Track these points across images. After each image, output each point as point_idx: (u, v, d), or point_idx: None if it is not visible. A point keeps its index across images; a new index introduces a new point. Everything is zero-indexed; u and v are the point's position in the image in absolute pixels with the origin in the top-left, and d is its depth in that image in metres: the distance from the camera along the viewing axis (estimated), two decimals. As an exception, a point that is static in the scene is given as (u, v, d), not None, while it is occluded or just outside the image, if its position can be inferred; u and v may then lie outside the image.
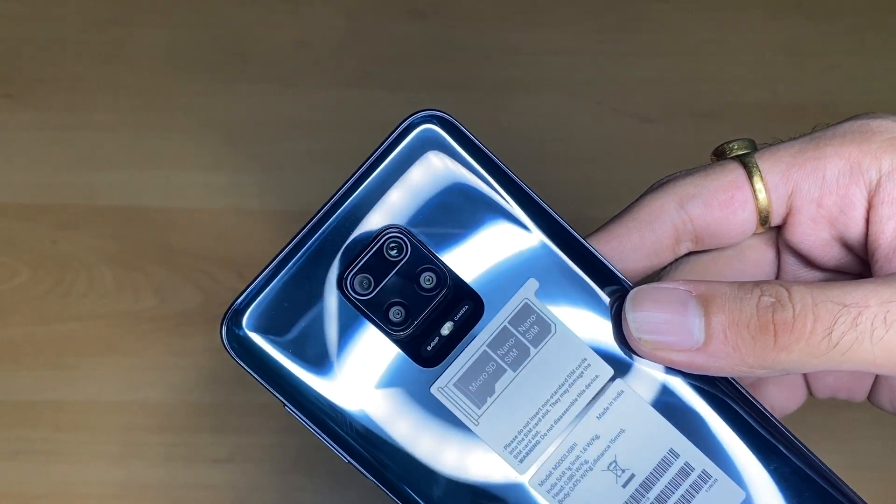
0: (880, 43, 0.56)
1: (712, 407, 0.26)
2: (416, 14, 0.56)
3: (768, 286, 0.25)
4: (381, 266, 0.26)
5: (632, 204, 0.28)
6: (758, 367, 0.25)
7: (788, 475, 0.26)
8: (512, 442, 0.26)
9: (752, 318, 0.24)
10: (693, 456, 0.26)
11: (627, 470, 0.26)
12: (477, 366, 0.26)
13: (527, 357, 0.26)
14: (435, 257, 0.26)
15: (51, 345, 0.50)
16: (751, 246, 0.29)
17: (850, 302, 0.24)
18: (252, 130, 0.54)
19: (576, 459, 0.26)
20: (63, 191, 0.52)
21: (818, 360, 0.24)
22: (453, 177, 0.26)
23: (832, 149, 0.27)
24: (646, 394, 0.26)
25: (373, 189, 0.26)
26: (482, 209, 0.26)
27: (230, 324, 0.26)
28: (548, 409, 0.26)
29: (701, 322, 0.25)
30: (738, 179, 0.27)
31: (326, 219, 0.26)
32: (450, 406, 0.26)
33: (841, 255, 0.28)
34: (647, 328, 0.25)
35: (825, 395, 0.32)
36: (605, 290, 0.26)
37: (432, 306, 0.26)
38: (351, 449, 0.26)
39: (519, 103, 0.54)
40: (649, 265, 0.29)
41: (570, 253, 0.26)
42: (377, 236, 0.26)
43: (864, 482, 0.49)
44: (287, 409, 0.26)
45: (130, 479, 0.48)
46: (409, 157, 0.26)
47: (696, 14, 0.56)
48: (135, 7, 0.56)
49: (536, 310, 0.26)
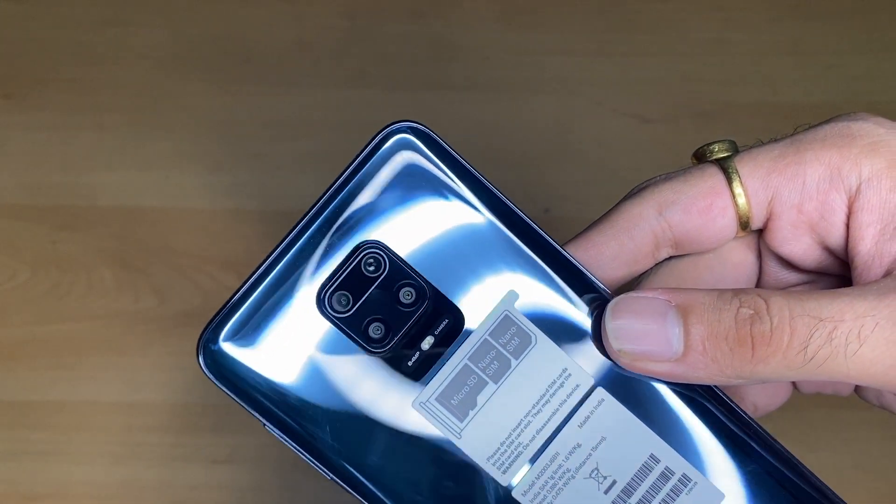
0: (880, 43, 0.56)
1: (691, 410, 0.26)
2: (416, 14, 0.56)
3: (747, 297, 0.25)
4: (359, 282, 0.26)
5: (610, 210, 0.28)
6: (735, 377, 0.25)
7: (767, 476, 0.26)
8: (495, 454, 0.26)
9: (731, 330, 0.24)
10: (673, 460, 0.26)
11: (609, 477, 0.26)
12: (458, 379, 0.26)
13: (508, 369, 0.26)
14: (413, 272, 0.26)
15: (51, 345, 0.50)
16: (731, 249, 0.29)
17: (825, 316, 0.24)
18: (252, 130, 0.54)
19: (558, 468, 0.26)
20: (63, 191, 0.52)
21: (794, 372, 0.25)
22: (429, 188, 0.26)
23: (812, 153, 0.27)
24: (626, 401, 0.26)
25: (348, 203, 0.26)
26: (460, 221, 0.26)
27: (207, 343, 0.25)
28: (530, 420, 0.26)
29: (680, 332, 0.25)
30: (717, 185, 0.27)
31: (301, 235, 0.26)
32: (432, 421, 0.26)
33: (822, 258, 0.28)
34: (626, 339, 0.25)
35: (810, 391, 0.33)
36: (585, 300, 0.26)
37: (412, 321, 0.26)
38: (333, 466, 0.26)
39: (519, 103, 0.54)
40: (629, 272, 0.29)
41: (550, 263, 0.26)
42: (354, 252, 0.26)
43: (865, 482, 0.49)
44: (267, 427, 0.26)
45: (130, 479, 0.48)
46: (384, 170, 0.26)
47: (696, 14, 0.56)
48: (135, 7, 0.56)
49: (517, 321, 0.26)
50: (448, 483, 0.26)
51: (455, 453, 0.26)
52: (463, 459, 0.26)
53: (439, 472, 0.26)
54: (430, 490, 0.26)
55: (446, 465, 0.26)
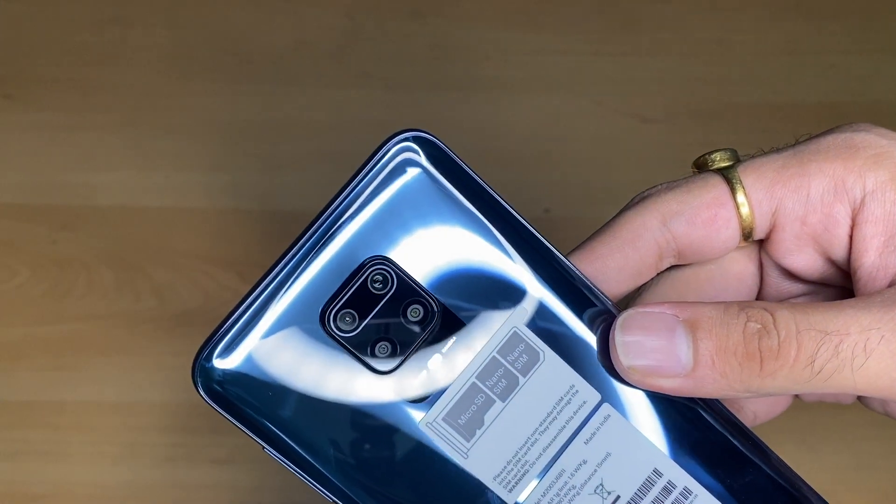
0: (880, 43, 0.56)
1: (694, 424, 0.26)
2: (416, 14, 0.56)
3: (753, 311, 0.25)
4: (365, 300, 0.25)
5: (613, 220, 0.28)
6: (743, 390, 0.25)
7: (765, 487, 0.26)
8: (501, 472, 0.25)
9: (739, 344, 0.24)
10: (675, 474, 0.26)
11: (613, 492, 0.26)
12: (466, 398, 0.25)
13: (516, 387, 0.25)
14: (421, 288, 0.25)
15: (51, 345, 0.50)
16: (732, 260, 0.29)
17: (831, 329, 0.24)
18: (252, 130, 0.54)
19: (564, 485, 0.26)
20: (63, 191, 0.52)
21: (801, 385, 0.25)
22: (436, 201, 0.25)
23: (816, 165, 0.26)
24: (630, 415, 0.26)
25: (353, 217, 0.25)
26: (467, 235, 0.25)
27: (204, 365, 0.24)
28: (536, 438, 0.25)
29: (689, 347, 0.25)
30: (721, 196, 0.27)
31: (304, 249, 0.25)
32: (439, 441, 0.25)
33: (825, 269, 0.28)
34: (636, 355, 0.25)
35: (812, 400, 0.32)
36: (592, 315, 0.26)
37: (419, 340, 0.25)
38: (337, 489, 0.25)
39: (519, 103, 0.54)
40: (633, 284, 0.28)
41: (557, 278, 0.26)
42: (360, 268, 0.25)
43: (865, 482, 0.49)
44: (267, 451, 0.25)
45: (130, 479, 0.48)
46: (389, 181, 0.25)
47: (695, 14, 0.56)
48: (135, 7, 0.56)
49: (525, 338, 0.25)
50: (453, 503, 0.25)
51: (461, 474, 0.25)
52: (469, 479, 0.25)
53: (444, 493, 0.25)
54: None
55: (452, 486, 0.25)
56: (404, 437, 0.25)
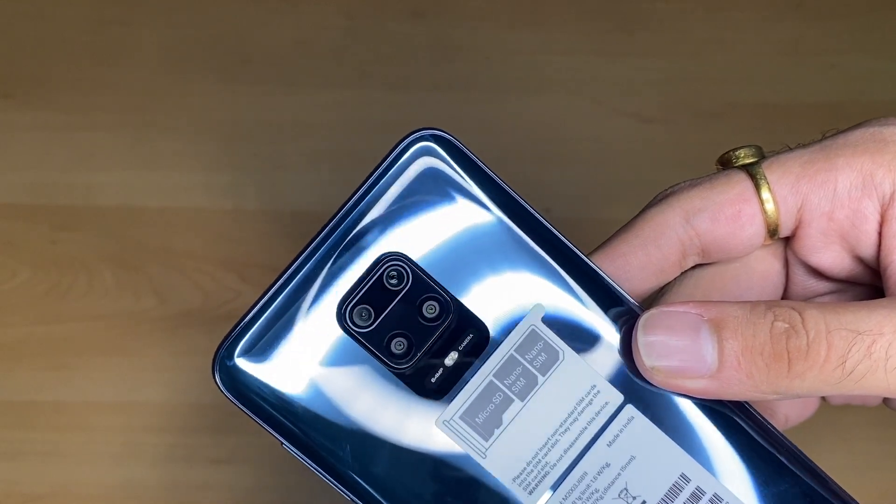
0: (880, 43, 0.56)
1: (722, 427, 0.26)
2: (416, 14, 0.56)
3: (781, 310, 0.24)
4: (381, 296, 0.25)
5: (635, 218, 0.28)
6: (770, 392, 0.24)
7: (800, 495, 0.26)
8: (521, 474, 0.25)
9: (766, 344, 0.24)
10: (704, 479, 0.25)
11: (638, 497, 0.25)
12: (483, 397, 0.25)
13: (535, 386, 0.25)
14: (437, 285, 0.25)
15: (51, 345, 0.50)
16: (757, 258, 0.29)
17: (863, 329, 0.24)
18: (252, 130, 0.54)
19: (586, 489, 0.25)
20: (63, 191, 0.52)
21: (831, 387, 0.24)
22: (452, 198, 0.25)
23: (843, 160, 0.26)
24: (655, 417, 0.25)
25: (370, 214, 0.25)
26: (484, 232, 0.25)
27: (223, 360, 0.24)
28: (557, 439, 0.25)
29: (714, 348, 0.24)
30: (745, 192, 0.27)
31: (321, 246, 0.25)
32: (456, 440, 0.25)
33: (852, 267, 0.28)
34: (659, 355, 0.24)
35: (839, 402, 0.32)
36: (613, 314, 0.26)
37: (435, 336, 0.25)
38: (354, 486, 0.25)
39: (518, 103, 0.54)
40: (656, 283, 0.28)
41: (577, 276, 0.25)
42: (376, 264, 0.25)
43: (865, 482, 0.49)
44: (285, 447, 0.25)
45: (130, 479, 0.48)
46: (406, 179, 0.25)
47: (696, 14, 0.56)
48: (135, 7, 0.56)
49: (544, 336, 0.25)
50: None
51: (480, 474, 0.25)
52: (488, 480, 0.25)
53: (463, 493, 0.25)
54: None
55: (470, 486, 0.25)
56: (420, 436, 0.25)
